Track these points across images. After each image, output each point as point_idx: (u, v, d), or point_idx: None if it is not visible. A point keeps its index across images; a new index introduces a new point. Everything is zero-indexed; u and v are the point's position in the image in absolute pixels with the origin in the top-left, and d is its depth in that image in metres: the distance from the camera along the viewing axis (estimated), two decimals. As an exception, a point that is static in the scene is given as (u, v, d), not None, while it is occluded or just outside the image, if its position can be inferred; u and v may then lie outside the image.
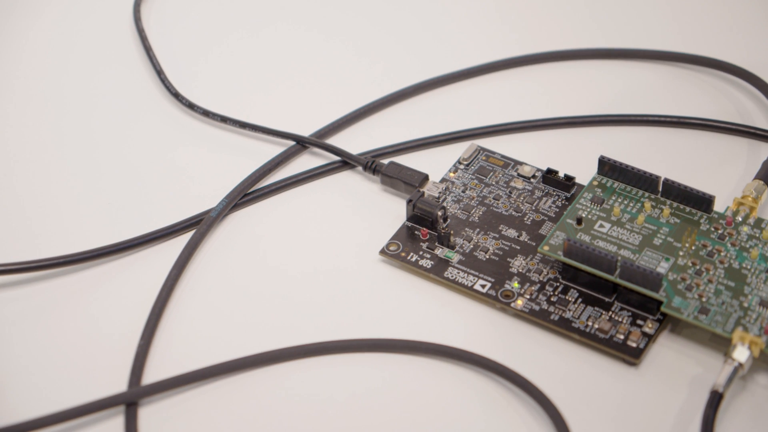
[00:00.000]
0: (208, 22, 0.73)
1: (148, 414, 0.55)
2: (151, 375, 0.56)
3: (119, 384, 0.55)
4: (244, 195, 0.63)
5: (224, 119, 0.66)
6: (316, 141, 0.65)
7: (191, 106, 0.67)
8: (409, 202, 0.61)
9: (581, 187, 0.62)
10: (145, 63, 0.70)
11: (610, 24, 0.71)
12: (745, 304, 0.55)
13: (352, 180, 0.64)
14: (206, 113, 0.67)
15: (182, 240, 0.61)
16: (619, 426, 0.54)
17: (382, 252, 0.60)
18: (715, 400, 0.53)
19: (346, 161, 0.64)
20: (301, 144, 0.65)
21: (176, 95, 0.67)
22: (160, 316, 0.58)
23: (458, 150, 0.65)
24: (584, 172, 0.62)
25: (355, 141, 0.66)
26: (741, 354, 0.54)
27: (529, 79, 0.69)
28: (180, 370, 0.55)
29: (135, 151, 0.66)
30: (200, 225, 0.61)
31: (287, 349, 0.57)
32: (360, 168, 0.64)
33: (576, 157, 0.64)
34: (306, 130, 0.66)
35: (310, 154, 0.65)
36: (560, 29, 0.71)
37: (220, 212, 0.62)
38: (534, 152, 0.64)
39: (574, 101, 0.67)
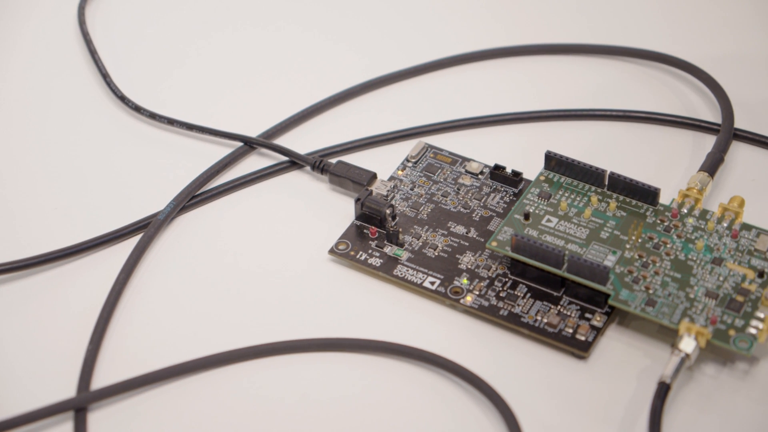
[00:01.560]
0: (153, 24, 0.73)
1: (97, 419, 0.54)
2: (101, 380, 0.55)
3: (68, 389, 0.55)
4: (192, 197, 0.63)
5: (171, 121, 0.66)
6: (264, 141, 0.65)
7: (138, 109, 0.67)
8: (357, 200, 0.61)
9: (529, 182, 0.62)
10: (91, 66, 0.70)
11: (556, 20, 0.72)
12: (692, 295, 0.56)
13: (300, 180, 0.64)
14: (153, 116, 0.66)
15: (130, 244, 0.61)
16: (569, 419, 0.54)
17: (331, 251, 0.60)
18: (662, 391, 0.53)
19: (294, 161, 0.64)
20: (249, 145, 0.65)
21: (122, 98, 0.67)
22: (109, 320, 0.57)
23: (406, 148, 0.65)
24: (532, 168, 0.62)
25: (303, 141, 0.66)
26: (687, 345, 0.54)
27: (476, 76, 0.69)
28: (130, 374, 0.55)
29: (81, 155, 0.66)
30: (148, 228, 0.61)
31: (237, 350, 0.56)
32: (308, 168, 0.64)
33: (523, 152, 0.64)
34: (254, 131, 0.66)
35: (258, 155, 0.65)
36: (505, 26, 0.72)
37: (168, 215, 0.61)
38: (482, 149, 0.65)
39: (521, 97, 0.67)
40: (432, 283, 0.59)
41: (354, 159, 0.65)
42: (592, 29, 0.71)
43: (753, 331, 0.54)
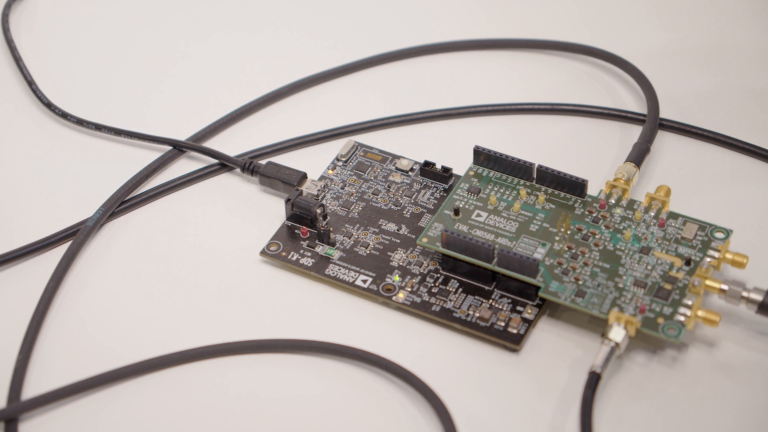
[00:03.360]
0: (79, 30, 0.72)
1: (28, 429, 0.54)
2: (31, 389, 0.55)
3: (-2, 401, 0.55)
4: (122, 203, 0.62)
5: (99, 127, 0.65)
6: (193, 145, 0.65)
7: (65, 115, 0.66)
8: (287, 201, 0.61)
9: (459, 178, 0.63)
10: (15, 73, 0.69)
11: (482, 15, 0.72)
12: (621, 285, 0.56)
13: (230, 182, 0.64)
14: (80, 122, 0.66)
15: (59, 251, 0.60)
16: (503, 412, 0.54)
17: (263, 252, 0.60)
18: (593, 380, 0.53)
19: (223, 164, 0.64)
20: (178, 148, 0.65)
21: (49, 105, 0.67)
22: (39, 330, 0.57)
23: (336, 147, 0.65)
24: (461, 163, 0.63)
25: (233, 143, 0.66)
26: (617, 334, 0.54)
27: (404, 73, 0.69)
28: (61, 383, 0.55)
29: (7, 163, 0.65)
30: (77, 235, 0.60)
31: (169, 355, 0.56)
32: (238, 170, 0.64)
33: (453, 148, 0.64)
34: (183, 135, 0.66)
35: (187, 159, 0.65)
36: (431, 23, 0.72)
37: (97, 221, 0.61)
38: (411, 146, 0.65)
39: (449, 93, 0.68)
40: (364, 282, 0.59)
41: (284, 160, 0.65)
42: (519, 24, 0.71)
43: (681, 318, 0.55)
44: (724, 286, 0.56)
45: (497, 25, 0.71)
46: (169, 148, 0.65)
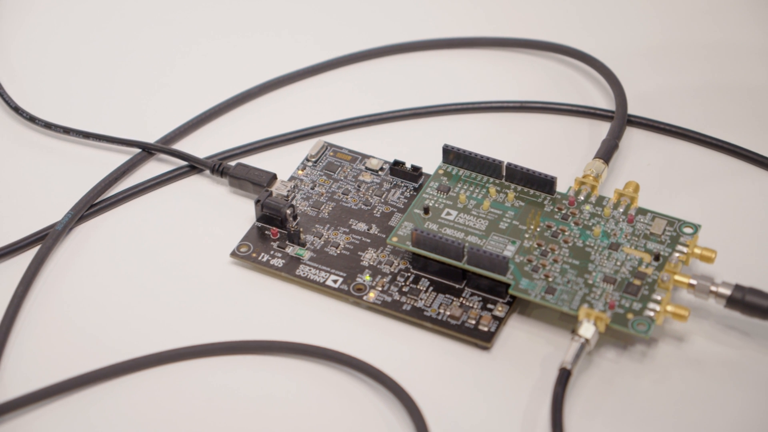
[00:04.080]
0: (45, 33, 0.72)
1: (-1, 435, 0.54)
2: (2, 395, 0.55)
3: (-32, 407, 0.54)
4: (91, 206, 0.62)
5: (67, 130, 0.65)
6: (162, 147, 0.64)
7: (32, 119, 0.66)
8: (257, 202, 0.61)
9: (428, 176, 0.63)
10: (-18, 78, 0.69)
11: (451, 14, 0.72)
12: (590, 281, 0.57)
13: (200, 184, 0.64)
14: (48, 125, 0.65)
15: (28, 256, 0.60)
16: (475, 409, 0.54)
17: (233, 254, 0.60)
18: (563, 377, 0.54)
19: (193, 165, 0.64)
20: (147, 151, 0.65)
21: (16, 109, 0.66)
22: (8, 335, 0.57)
23: (306, 147, 0.65)
24: (431, 162, 0.63)
25: (202, 145, 0.66)
26: (587, 330, 0.55)
27: (372, 73, 0.69)
28: (31, 388, 0.54)
29: (-25, 168, 0.65)
30: (46, 239, 0.60)
31: (140, 358, 0.56)
32: (207, 171, 0.64)
33: (422, 147, 0.64)
34: (152, 137, 0.66)
35: (156, 161, 0.65)
36: (400, 22, 0.72)
37: (66, 225, 0.61)
38: (381, 145, 0.65)
39: (418, 92, 0.68)
40: (335, 282, 0.59)
41: (254, 161, 0.64)
42: (487, 22, 0.71)
43: (650, 313, 0.55)
44: (693, 281, 0.56)
45: (466, 23, 0.71)
46: (137, 150, 0.65)
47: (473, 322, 0.57)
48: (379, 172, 0.63)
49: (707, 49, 0.69)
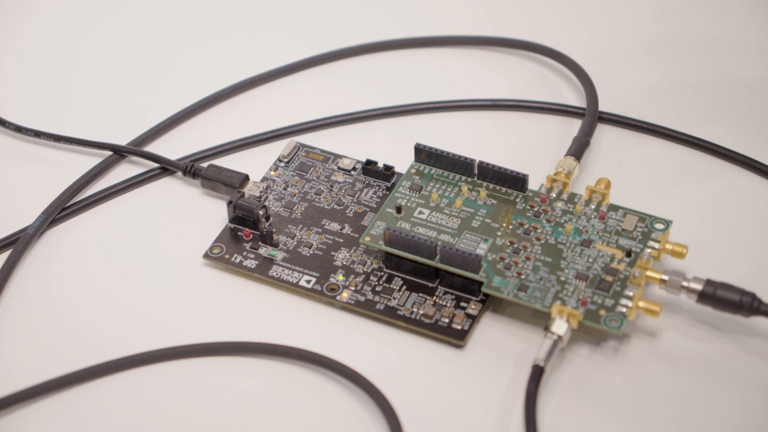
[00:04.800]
0: (14, 36, 0.72)
1: (-30, 441, 0.54)
2: (-26, 400, 0.55)
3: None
4: (63, 209, 0.62)
5: (38, 134, 0.65)
6: (134, 149, 0.64)
7: (2, 122, 0.65)
8: (229, 203, 0.61)
9: (401, 175, 0.63)
10: (-48, 82, 0.69)
11: (421, 13, 0.72)
12: (562, 278, 0.57)
13: (172, 186, 0.64)
14: (19, 129, 0.65)
15: (-1, 260, 0.60)
16: (448, 408, 0.54)
17: (206, 255, 0.60)
18: (536, 374, 0.54)
19: (165, 167, 0.64)
20: (119, 153, 0.64)
21: (-14, 113, 0.66)
22: (-20, 340, 0.57)
23: (278, 148, 0.65)
24: (403, 161, 0.63)
25: (174, 146, 0.65)
26: (559, 327, 0.55)
27: (344, 73, 0.69)
28: (3, 393, 0.54)
29: (-56, 173, 0.65)
30: (17, 243, 0.60)
31: (113, 361, 0.56)
32: (179, 173, 0.64)
33: (394, 146, 0.64)
34: (124, 139, 0.65)
35: (128, 163, 0.65)
36: (371, 22, 0.72)
37: (37, 229, 0.60)
38: (353, 145, 0.65)
39: (390, 92, 0.68)
40: (308, 282, 0.59)
41: (226, 162, 0.64)
42: (458, 21, 0.72)
43: (623, 309, 0.55)
44: (665, 277, 0.56)
45: (437, 22, 0.71)
46: (109, 153, 0.64)
47: (447, 320, 0.57)
48: (352, 172, 0.63)
49: (678, 46, 0.69)
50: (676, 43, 0.70)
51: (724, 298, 0.55)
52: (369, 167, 0.63)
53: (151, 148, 0.66)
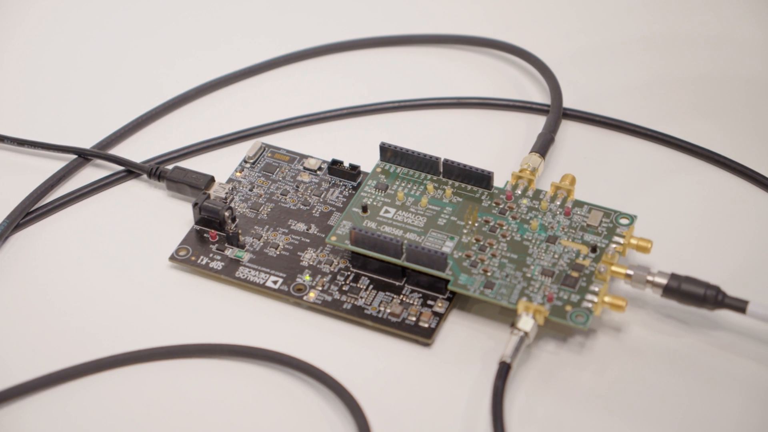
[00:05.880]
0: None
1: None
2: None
3: None
4: (27, 214, 0.62)
5: (1, 138, 0.64)
6: (98, 152, 0.64)
7: (-34, 127, 0.65)
8: (195, 205, 0.61)
9: (367, 175, 0.63)
10: None
11: (385, 12, 0.72)
12: (528, 275, 0.57)
13: (137, 188, 0.63)
14: (-18, 134, 0.65)
15: (-36, 266, 0.60)
16: (416, 406, 0.55)
17: (172, 258, 0.60)
18: (503, 370, 0.54)
19: (130, 170, 0.63)
20: (83, 157, 0.64)
21: (-51, 118, 0.66)
22: (-55, 346, 0.56)
23: (244, 149, 0.65)
24: (369, 161, 0.63)
25: (139, 149, 0.65)
26: (525, 323, 0.55)
27: (308, 73, 0.69)
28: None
29: None
30: (-19, 248, 0.60)
31: (80, 365, 0.56)
32: (145, 176, 0.63)
33: (360, 145, 0.64)
34: (88, 142, 0.65)
35: (93, 167, 0.64)
36: (335, 21, 0.72)
37: (2, 234, 0.60)
38: (319, 145, 0.65)
39: (355, 91, 0.68)
40: (275, 283, 0.59)
41: (192, 164, 0.64)
42: (422, 19, 0.72)
43: (588, 305, 0.56)
44: (630, 272, 0.56)
45: (401, 21, 0.72)
46: (74, 156, 0.64)
47: (414, 318, 0.57)
48: (318, 172, 0.63)
49: (642, 43, 0.70)
50: (640, 40, 0.70)
51: (689, 292, 0.56)
52: (335, 167, 0.63)
53: (116, 151, 0.65)
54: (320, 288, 0.58)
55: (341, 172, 0.63)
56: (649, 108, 0.66)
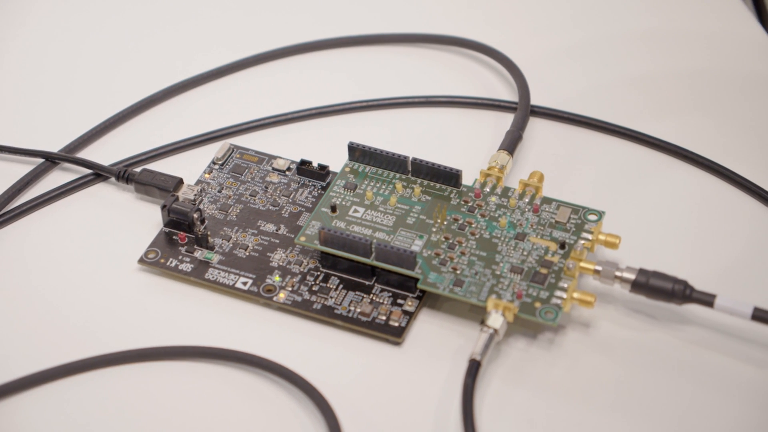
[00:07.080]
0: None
1: None
2: None
3: None
4: (-6, 218, 0.62)
5: (-32, 143, 0.65)
6: (66, 156, 0.64)
7: (-68, 132, 0.65)
8: (163, 207, 0.60)
9: (336, 175, 0.63)
10: None
11: (353, 12, 0.72)
12: (498, 272, 0.57)
13: (105, 191, 0.63)
14: (-52, 138, 0.65)
15: (-69, 272, 0.59)
16: (387, 405, 0.55)
17: (141, 260, 0.59)
18: (473, 368, 0.54)
19: (98, 173, 0.63)
20: (51, 160, 0.64)
21: None
22: None
23: (212, 151, 0.65)
24: (338, 161, 0.63)
25: (107, 152, 0.65)
26: (495, 321, 0.55)
27: (276, 73, 0.69)
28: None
29: None
30: (-52, 254, 0.59)
31: (50, 369, 0.55)
32: (113, 179, 0.63)
33: (328, 145, 0.64)
34: (55, 146, 0.65)
35: (60, 170, 0.64)
36: (303, 21, 0.72)
37: (-31, 239, 0.60)
38: (287, 145, 0.65)
39: (323, 91, 0.68)
40: (244, 284, 0.59)
41: (160, 166, 0.64)
42: (388, 18, 0.72)
43: (557, 301, 0.56)
44: (598, 267, 0.57)
45: (368, 21, 0.72)
46: (41, 160, 0.64)
47: (384, 318, 0.57)
48: (287, 173, 0.63)
49: (609, 41, 0.70)
50: (607, 38, 0.70)
51: (657, 287, 0.56)
52: (303, 167, 0.63)
53: (84, 154, 0.65)
54: (290, 288, 0.58)
55: (310, 172, 0.63)
56: (617, 105, 0.66)
